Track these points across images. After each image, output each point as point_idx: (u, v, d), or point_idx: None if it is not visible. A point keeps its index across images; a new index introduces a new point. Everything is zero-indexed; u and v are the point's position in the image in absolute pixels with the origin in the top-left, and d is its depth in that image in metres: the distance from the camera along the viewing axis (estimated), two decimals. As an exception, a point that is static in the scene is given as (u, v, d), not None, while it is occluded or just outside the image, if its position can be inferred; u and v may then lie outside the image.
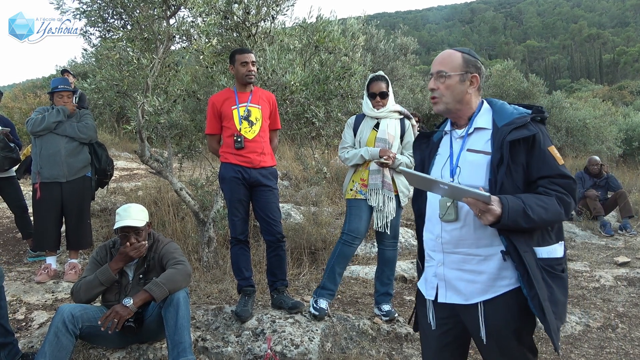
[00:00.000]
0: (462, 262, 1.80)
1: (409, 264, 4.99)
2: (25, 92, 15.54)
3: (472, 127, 1.84)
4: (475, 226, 1.76)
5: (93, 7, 4.69)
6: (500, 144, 1.73)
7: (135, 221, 2.98)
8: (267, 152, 3.57)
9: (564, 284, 1.74)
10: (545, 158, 1.72)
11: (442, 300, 1.85)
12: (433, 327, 1.91)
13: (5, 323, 2.79)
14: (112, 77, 4.53)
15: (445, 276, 1.84)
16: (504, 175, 1.70)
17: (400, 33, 12.55)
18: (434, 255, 1.89)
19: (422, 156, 2.02)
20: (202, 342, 3.13)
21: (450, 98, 1.83)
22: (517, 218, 1.61)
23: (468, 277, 1.79)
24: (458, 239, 1.79)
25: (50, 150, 4.24)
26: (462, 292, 1.80)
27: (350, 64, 5.01)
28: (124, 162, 10.21)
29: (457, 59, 1.83)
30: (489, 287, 1.75)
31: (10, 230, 5.82)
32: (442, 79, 1.83)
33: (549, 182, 1.70)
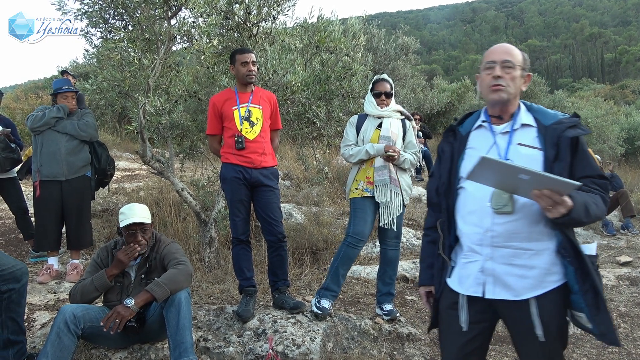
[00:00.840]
0: (513, 257, 1.76)
1: (411, 264, 4.98)
2: (27, 93, 15.58)
3: (519, 123, 1.86)
4: (531, 220, 1.75)
5: (94, 8, 4.69)
6: (556, 140, 1.76)
7: (142, 218, 3.00)
8: (268, 152, 3.57)
9: (601, 280, 1.80)
10: (589, 158, 1.78)
11: (490, 296, 1.79)
12: (465, 329, 1.84)
13: (21, 322, 2.80)
14: (114, 78, 4.54)
15: (495, 271, 1.78)
16: (561, 171, 1.71)
17: (402, 33, 12.55)
18: (480, 250, 1.82)
19: (452, 150, 1.98)
20: (203, 342, 3.13)
21: (512, 90, 1.84)
22: (581, 212, 1.63)
23: (519, 272, 1.76)
24: (511, 232, 1.76)
25: (51, 148, 4.25)
26: (513, 287, 1.76)
27: (352, 64, 5.01)
28: (125, 162, 10.23)
29: (519, 54, 1.86)
30: (539, 283, 1.75)
31: (12, 231, 5.83)
32: (509, 69, 1.83)
33: (591, 182, 1.74)
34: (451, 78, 38.61)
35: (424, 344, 3.41)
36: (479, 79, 1.92)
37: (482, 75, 1.89)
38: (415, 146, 3.67)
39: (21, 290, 2.76)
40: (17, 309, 2.77)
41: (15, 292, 2.71)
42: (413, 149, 3.64)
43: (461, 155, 1.94)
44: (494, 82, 1.83)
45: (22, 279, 2.75)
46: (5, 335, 2.74)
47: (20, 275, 2.73)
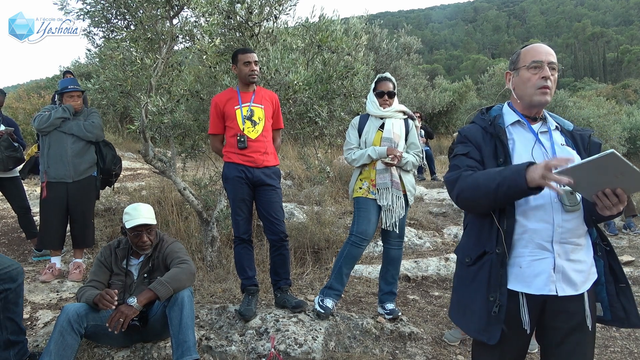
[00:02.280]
0: (572, 252, 1.76)
1: (413, 264, 4.99)
2: (29, 93, 15.60)
3: (553, 124, 1.88)
4: (580, 216, 1.78)
5: (96, 7, 4.70)
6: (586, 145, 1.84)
7: (147, 219, 3.01)
8: (270, 151, 3.58)
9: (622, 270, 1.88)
10: None
11: (562, 293, 1.73)
12: (529, 331, 1.77)
13: (20, 322, 2.80)
14: (116, 78, 4.54)
15: (563, 268, 1.75)
16: None
17: (404, 32, 12.54)
18: (550, 247, 1.75)
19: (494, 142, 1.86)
20: (206, 341, 3.14)
21: (553, 91, 1.84)
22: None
23: (576, 267, 1.76)
24: (574, 228, 1.75)
25: (57, 150, 4.26)
26: (574, 282, 1.75)
27: (353, 63, 5.01)
28: (127, 162, 10.23)
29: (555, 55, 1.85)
30: (588, 276, 1.79)
31: (14, 230, 5.85)
32: (553, 71, 1.82)
33: None
34: (453, 77, 38.59)
35: (426, 343, 3.41)
36: (511, 77, 1.90)
37: (524, 73, 1.83)
38: (418, 146, 3.66)
39: (18, 290, 2.76)
40: (15, 309, 2.77)
41: (11, 292, 2.71)
42: (416, 149, 3.63)
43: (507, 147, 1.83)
44: (543, 83, 1.80)
45: (18, 279, 2.75)
46: (5, 336, 2.74)
47: (15, 275, 2.73)
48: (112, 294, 2.75)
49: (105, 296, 2.72)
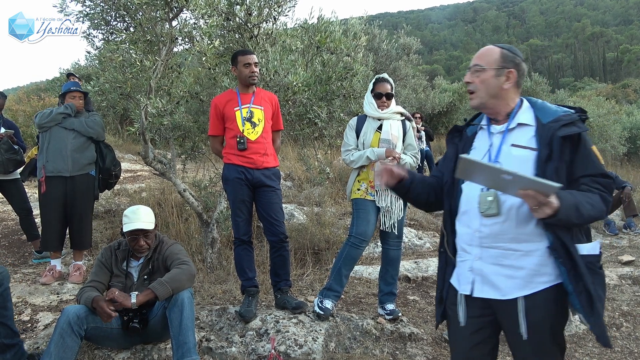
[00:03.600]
0: (501, 257, 1.78)
1: (412, 264, 4.99)
2: (29, 95, 15.63)
3: (515, 122, 1.84)
4: (518, 221, 1.75)
5: (96, 10, 4.72)
6: (549, 140, 1.73)
7: (145, 223, 3.00)
8: (270, 152, 3.58)
9: (602, 280, 1.76)
10: (590, 157, 1.74)
11: (478, 294, 1.83)
12: (462, 324, 1.90)
13: (11, 324, 2.80)
14: (116, 79, 4.56)
15: (482, 271, 1.82)
16: (553, 171, 1.70)
17: (403, 33, 12.55)
18: (470, 250, 1.86)
19: (456, 150, 1.98)
20: (206, 343, 3.14)
21: (485, 92, 1.84)
22: (571, 213, 1.61)
23: (506, 272, 1.77)
24: (498, 233, 1.78)
25: (57, 144, 4.27)
26: (500, 287, 1.78)
27: (353, 64, 5.01)
28: (127, 163, 10.25)
29: (494, 54, 1.84)
30: (527, 283, 1.75)
31: (15, 233, 5.86)
32: (478, 72, 1.84)
33: (592, 181, 1.71)
34: (452, 78, 38.61)
35: (426, 343, 3.41)
36: None
37: None
38: (415, 148, 3.67)
39: (4, 295, 2.75)
40: (5, 313, 2.76)
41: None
42: (413, 150, 3.64)
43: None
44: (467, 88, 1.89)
45: (4, 284, 2.75)
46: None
47: (0, 280, 2.72)
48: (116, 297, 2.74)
49: (105, 310, 2.72)
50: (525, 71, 1.88)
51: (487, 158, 1.85)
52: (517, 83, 1.85)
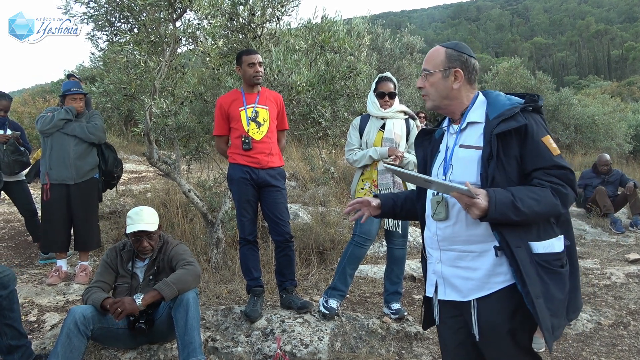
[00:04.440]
0: (458, 259, 1.78)
1: (418, 263, 4.97)
2: (34, 97, 15.70)
3: (465, 122, 1.81)
4: (468, 223, 1.74)
5: (100, 11, 4.73)
6: (489, 137, 1.70)
7: (148, 225, 3.00)
8: (275, 152, 3.58)
9: (561, 279, 1.68)
10: (539, 149, 1.67)
11: (442, 297, 1.85)
12: (437, 323, 1.93)
13: (18, 326, 2.82)
14: (120, 81, 4.57)
15: (443, 273, 1.83)
16: (495, 169, 1.67)
17: (407, 32, 12.52)
18: (432, 253, 1.89)
19: (425, 153, 2.00)
20: (212, 342, 3.14)
21: (436, 95, 1.83)
22: (506, 211, 1.59)
23: (463, 273, 1.77)
24: (451, 236, 1.79)
25: (60, 152, 4.28)
26: (460, 288, 1.78)
27: (356, 64, 5.01)
28: (132, 164, 10.27)
29: (439, 56, 1.82)
30: (484, 284, 1.72)
31: (21, 234, 5.88)
32: (427, 76, 1.84)
33: (544, 174, 1.66)
34: (456, 77, 38.43)
35: (432, 342, 3.40)
36: None
37: None
38: None
39: (10, 297, 2.77)
40: (11, 315, 2.78)
41: (4, 298, 2.72)
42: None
43: (434, 158, 1.94)
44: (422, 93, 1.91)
45: (10, 286, 2.76)
46: (6, 341, 2.76)
47: (7, 282, 2.73)
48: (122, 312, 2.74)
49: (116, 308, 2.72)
50: (475, 66, 1.83)
51: (443, 161, 1.86)
52: (469, 79, 1.81)
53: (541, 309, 1.60)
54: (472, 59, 1.82)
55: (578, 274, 1.83)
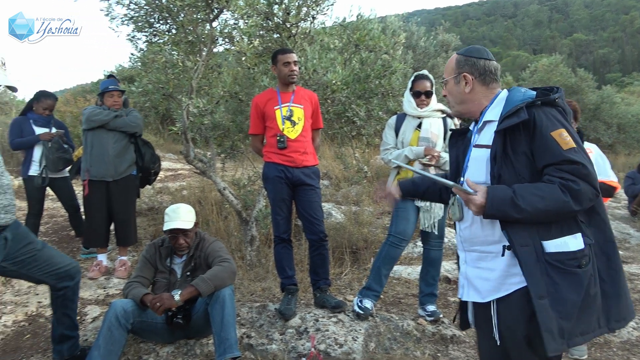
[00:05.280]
0: (479, 260, 1.79)
1: (453, 265, 4.88)
2: (75, 97, 16.24)
3: (482, 121, 1.82)
4: (483, 223, 1.74)
5: (140, 13, 4.86)
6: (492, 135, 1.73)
7: (184, 222, 3.05)
8: (310, 151, 3.58)
9: (577, 281, 1.60)
10: (548, 144, 1.62)
11: (465, 298, 1.86)
12: (472, 326, 1.91)
13: (74, 317, 2.93)
14: (158, 80, 4.67)
15: (467, 274, 1.84)
16: (501, 167, 1.68)
17: (442, 29, 12.35)
18: (459, 254, 1.91)
19: (457, 153, 1.99)
20: (247, 339, 3.17)
21: (453, 101, 1.90)
22: (504, 208, 1.59)
23: (483, 274, 1.76)
24: (470, 237, 1.80)
25: (99, 150, 4.40)
26: (479, 289, 1.78)
27: (391, 62, 4.96)
28: (168, 162, 10.50)
29: (451, 63, 1.89)
30: (500, 285, 1.71)
31: (64, 228, 6.09)
32: (445, 85, 1.92)
33: (555, 170, 1.61)
34: (492, 75, 37.56)
35: (469, 346, 3.33)
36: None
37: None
38: None
39: (75, 288, 2.88)
40: (72, 305, 2.89)
41: (69, 289, 2.82)
42: None
43: (465, 158, 1.92)
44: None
45: (76, 277, 2.86)
46: (61, 330, 2.86)
47: (74, 274, 2.84)
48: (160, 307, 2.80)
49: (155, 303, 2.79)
50: (487, 67, 1.83)
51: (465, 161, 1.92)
52: (482, 81, 1.83)
53: (543, 309, 1.58)
54: (483, 60, 1.83)
55: (620, 280, 1.71)
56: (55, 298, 2.82)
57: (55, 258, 2.75)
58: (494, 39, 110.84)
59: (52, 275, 2.72)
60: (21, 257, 2.57)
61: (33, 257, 2.62)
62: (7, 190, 2.46)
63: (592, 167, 1.62)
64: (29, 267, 2.62)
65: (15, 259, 2.53)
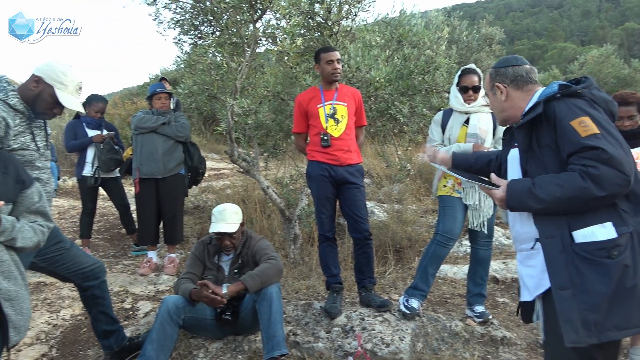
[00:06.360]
0: (527, 258, 1.81)
1: (501, 264, 4.75)
2: (123, 100, 16.85)
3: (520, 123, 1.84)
4: (522, 220, 1.79)
5: (185, 16, 4.98)
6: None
7: (229, 226, 3.09)
8: (354, 149, 3.56)
9: (606, 272, 1.55)
10: (567, 133, 1.63)
11: (522, 298, 1.86)
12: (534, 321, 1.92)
13: (111, 312, 3.01)
14: (203, 82, 4.78)
15: (521, 273, 1.87)
16: (527, 162, 1.75)
17: (485, 23, 12.02)
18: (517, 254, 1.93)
19: (504, 152, 2.02)
20: (293, 337, 3.19)
21: (495, 112, 2.02)
22: (524, 199, 1.66)
23: (530, 272, 1.78)
24: (516, 236, 1.86)
25: (149, 148, 4.56)
26: (528, 287, 1.79)
27: (435, 58, 4.87)
28: (211, 162, 10.72)
29: (487, 79, 2.02)
30: (540, 280, 1.71)
31: (115, 227, 6.34)
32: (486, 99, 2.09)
33: (577, 158, 1.60)
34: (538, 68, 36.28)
35: (520, 349, 3.23)
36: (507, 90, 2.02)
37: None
38: None
39: (102, 286, 2.94)
40: (103, 302, 2.96)
41: (95, 288, 2.89)
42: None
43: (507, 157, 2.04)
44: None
45: (101, 276, 2.93)
46: (101, 327, 2.96)
47: (99, 273, 2.91)
48: (207, 283, 2.87)
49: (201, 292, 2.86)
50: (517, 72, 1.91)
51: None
52: (516, 86, 1.90)
53: (562, 299, 1.59)
54: (511, 67, 1.93)
55: None
56: (85, 299, 2.91)
57: (81, 258, 2.83)
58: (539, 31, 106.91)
59: (78, 274, 2.80)
60: (50, 255, 2.66)
61: (61, 256, 2.71)
62: (50, 197, 2.55)
63: (618, 151, 1.56)
64: (56, 265, 2.71)
65: (44, 255, 2.63)
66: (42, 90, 2.43)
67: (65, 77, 2.46)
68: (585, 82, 1.74)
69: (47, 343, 3.39)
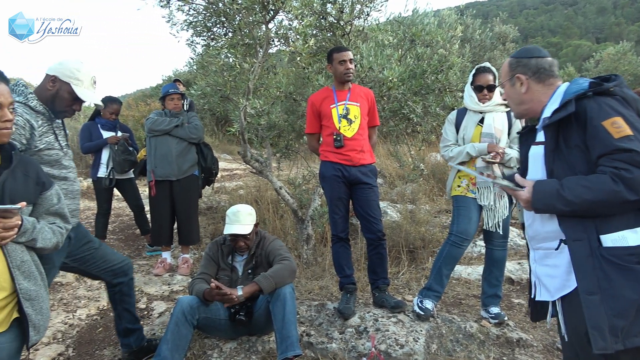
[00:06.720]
0: (545, 257, 1.77)
1: (516, 265, 4.70)
2: (136, 101, 17.00)
3: (542, 118, 1.82)
4: (543, 220, 1.74)
5: (198, 18, 5.01)
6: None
7: (243, 227, 3.09)
8: (367, 149, 3.55)
9: (635, 277, 1.52)
10: (598, 134, 1.57)
11: (538, 297, 1.82)
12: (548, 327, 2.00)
13: (134, 311, 3.06)
14: (216, 83, 4.80)
15: (537, 272, 1.83)
16: (553, 162, 1.69)
17: (499, 21, 11.91)
18: (530, 253, 1.91)
19: (525, 151, 1.95)
20: (306, 337, 3.19)
21: (512, 104, 1.94)
22: (551, 201, 1.61)
23: (550, 272, 1.74)
24: (534, 234, 1.82)
25: (163, 151, 4.59)
26: (548, 288, 1.76)
27: (448, 57, 4.83)
28: (224, 163, 10.78)
29: (505, 67, 1.93)
30: (565, 282, 1.67)
31: (130, 227, 6.40)
32: (503, 89, 1.95)
33: (608, 160, 1.55)
34: (552, 66, 35.90)
35: (537, 350, 3.18)
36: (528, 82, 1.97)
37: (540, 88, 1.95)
38: None
39: (130, 284, 2.99)
40: (129, 300, 3.00)
41: (124, 285, 2.94)
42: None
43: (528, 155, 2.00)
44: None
45: (129, 273, 2.97)
46: (124, 324, 3.00)
47: (127, 270, 2.95)
48: (220, 285, 2.88)
49: (214, 291, 2.86)
50: (540, 64, 1.83)
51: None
52: (537, 79, 1.83)
53: (590, 305, 1.55)
54: (535, 59, 1.85)
55: None
56: (113, 295, 2.95)
57: (110, 255, 2.88)
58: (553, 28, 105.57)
59: (108, 272, 2.85)
60: (80, 255, 2.70)
61: (91, 255, 2.75)
62: (77, 196, 2.60)
63: None
64: (87, 264, 2.76)
65: (75, 256, 2.67)
66: (60, 88, 2.47)
67: (80, 72, 2.50)
68: (616, 80, 1.67)
69: (64, 342, 3.44)
